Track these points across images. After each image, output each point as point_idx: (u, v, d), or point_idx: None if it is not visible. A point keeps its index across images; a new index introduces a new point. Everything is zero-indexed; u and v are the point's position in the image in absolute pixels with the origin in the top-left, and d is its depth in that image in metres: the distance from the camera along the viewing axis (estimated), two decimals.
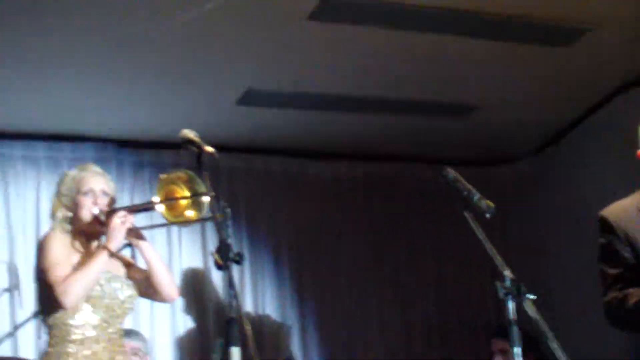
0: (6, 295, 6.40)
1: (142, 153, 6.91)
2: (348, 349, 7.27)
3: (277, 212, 7.29)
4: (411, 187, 7.71)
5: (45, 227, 6.37)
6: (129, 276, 4.19)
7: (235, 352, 3.22)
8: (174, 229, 6.84)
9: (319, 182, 7.46)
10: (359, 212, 7.55)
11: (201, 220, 3.96)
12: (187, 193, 3.95)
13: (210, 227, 6.81)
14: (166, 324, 6.76)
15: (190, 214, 3.94)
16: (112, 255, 3.98)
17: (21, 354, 6.15)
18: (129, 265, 4.23)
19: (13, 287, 6.42)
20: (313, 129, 6.93)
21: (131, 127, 6.71)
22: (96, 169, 4.21)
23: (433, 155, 7.37)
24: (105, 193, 4.11)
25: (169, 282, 4.16)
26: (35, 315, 5.79)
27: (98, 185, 4.11)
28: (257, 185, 7.21)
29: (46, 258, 3.91)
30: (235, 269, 3.41)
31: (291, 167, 7.39)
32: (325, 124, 6.87)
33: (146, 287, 4.16)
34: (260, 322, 6.93)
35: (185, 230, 6.91)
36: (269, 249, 7.18)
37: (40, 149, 6.70)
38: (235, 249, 3.40)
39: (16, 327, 6.08)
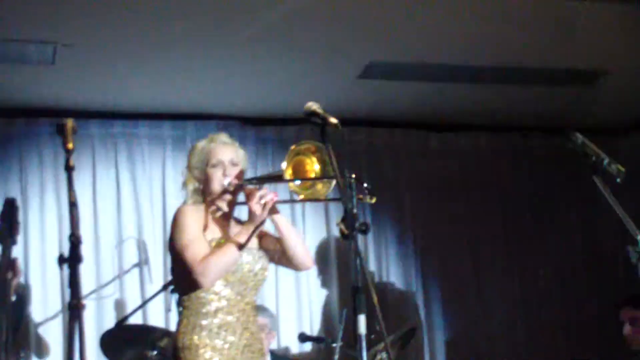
0: (136, 270, 6.56)
1: (265, 129, 6.96)
2: (471, 319, 7.23)
3: (400, 183, 7.28)
4: (538, 156, 7.58)
5: (171, 204, 6.58)
6: (263, 246, 4.14)
7: (362, 320, 3.20)
8: (297, 206, 6.90)
9: (442, 153, 7.40)
10: (484, 182, 7.48)
11: (330, 200, 3.87)
12: (316, 164, 3.87)
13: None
14: (291, 296, 6.83)
15: (319, 187, 3.87)
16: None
17: None
18: (262, 236, 4.15)
19: (142, 262, 6.57)
20: (435, 100, 6.85)
21: (254, 104, 6.76)
22: (225, 139, 4.15)
23: (560, 124, 7.19)
24: (234, 163, 4.04)
25: (304, 252, 4.11)
26: (164, 288, 5.90)
27: (227, 156, 4.05)
28: (379, 158, 7.19)
29: (181, 236, 3.90)
30: (358, 240, 3.36)
31: (413, 139, 7.35)
32: (448, 95, 6.78)
33: (280, 257, 4.11)
34: (383, 292, 6.91)
35: (308, 204, 6.95)
36: (393, 220, 7.16)
37: (165, 128, 6.83)
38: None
39: (146, 301, 6.19)
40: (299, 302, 6.85)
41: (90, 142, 6.60)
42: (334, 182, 3.69)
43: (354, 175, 3.51)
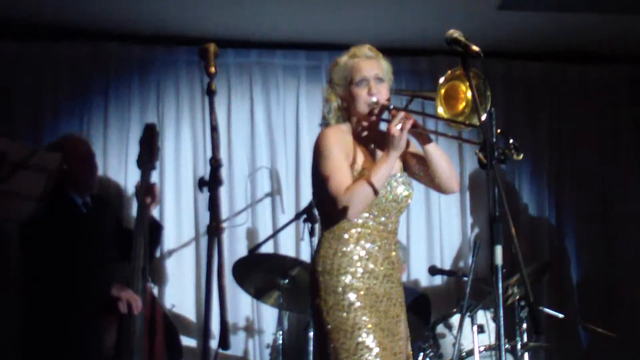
0: (268, 200, 6.63)
1: (399, 60, 6.88)
2: (607, 253, 7.10)
3: (536, 115, 7.15)
4: None
5: (305, 134, 6.61)
6: (407, 165, 4.01)
7: (499, 251, 3.15)
8: (430, 122, 6.81)
9: (581, 85, 7.22)
10: (620, 115, 7.29)
11: (473, 127, 3.72)
12: (469, 91, 3.66)
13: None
14: (422, 228, 6.81)
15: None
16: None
17: None
18: (406, 153, 3.96)
19: (275, 192, 6.64)
20: (576, 31, 6.64)
21: (389, 34, 6.68)
22: (368, 52, 3.94)
23: None
24: (379, 79, 3.87)
25: (452, 176, 3.95)
26: (297, 218, 5.93)
27: (371, 71, 3.86)
28: (516, 90, 7.06)
29: (325, 163, 3.75)
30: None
31: (552, 71, 7.19)
32: (589, 26, 6.56)
33: (426, 176, 3.97)
34: (516, 224, 6.79)
35: (442, 125, 6.86)
36: (528, 152, 7.02)
37: (300, 58, 6.85)
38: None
39: (278, 230, 6.26)
40: (430, 234, 6.81)
41: (226, 71, 6.66)
42: (482, 112, 3.50)
43: (499, 130, 3.40)
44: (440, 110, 3.72)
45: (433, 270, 6.00)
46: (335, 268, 3.78)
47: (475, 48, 3.41)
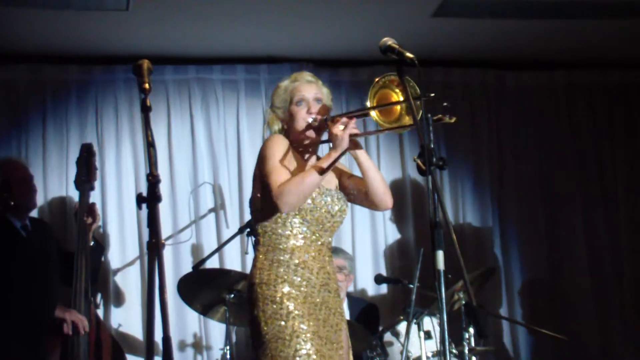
0: (212, 215, 6.62)
1: (338, 71, 6.92)
2: (551, 257, 7.16)
3: (476, 122, 7.20)
4: (616, 93, 7.47)
5: (246, 148, 6.63)
6: (342, 185, 4.10)
7: (440, 256, 3.16)
8: (372, 137, 6.89)
9: (520, 91, 7.31)
10: (560, 120, 7.36)
11: (413, 127, 3.76)
12: (401, 96, 3.79)
13: (408, 134, 6.82)
14: (367, 238, 6.82)
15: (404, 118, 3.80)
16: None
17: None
18: (342, 173, 4.12)
19: (218, 207, 6.62)
20: (511, 37, 6.72)
21: (327, 46, 6.73)
22: (308, 77, 4.05)
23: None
24: (318, 100, 3.97)
25: (384, 190, 4.01)
26: (240, 231, 5.93)
27: (310, 93, 3.97)
28: (455, 97, 7.11)
29: (267, 162, 3.83)
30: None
31: (489, 78, 7.25)
32: (523, 32, 6.64)
33: (359, 195, 4.07)
34: (460, 232, 6.87)
35: (383, 138, 6.93)
36: (469, 157, 7.11)
37: (238, 72, 6.84)
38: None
39: (223, 244, 6.23)
40: (375, 243, 6.84)
41: (165, 88, 6.64)
42: (419, 113, 3.49)
43: (432, 94, 3.44)
44: (374, 114, 3.80)
45: (379, 279, 6.01)
46: (272, 278, 3.82)
47: (409, 55, 3.44)
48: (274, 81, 6.71)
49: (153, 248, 2.92)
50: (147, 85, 3.18)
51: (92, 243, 5.35)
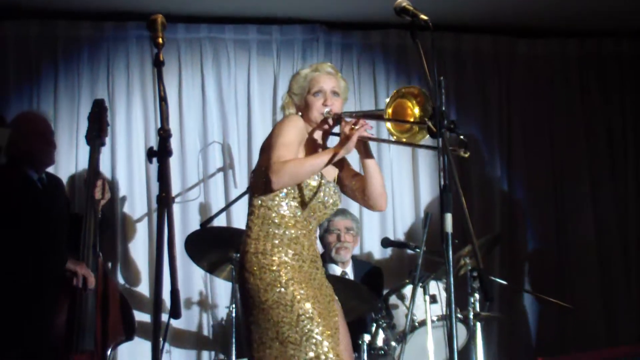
0: (220, 175, 6.62)
1: (351, 34, 6.90)
2: (557, 226, 7.18)
3: (487, 90, 7.19)
4: (627, 62, 7.44)
5: (256, 109, 6.60)
6: (342, 179, 4.23)
7: (448, 219, 3.18)
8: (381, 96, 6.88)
9: (529, 59, 7.28)
10: (570, 89, 7.34)
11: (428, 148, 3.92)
12: (416, 108, 3.90)
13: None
14: None
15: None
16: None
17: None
18: (345, 168, 4.25)
19: (227, 167, 6.62)
20: (523, 5, 6.70)
21: (339, 8, 6.69)
22: (329, 68, 4.18)
23: None
24: (335, 93, 4.11)
25: (381, 193, 4.15)
26: (249, 191, 5.94)
27: (329, 84, 4.10)
28: (466, 64, 7.11)
29: (278, 136, 3.95)
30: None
31: (501, 45, 7.24)
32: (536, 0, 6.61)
33: (357, 192, 4.19)
34: (467, 198, 6.85)
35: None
36: (478, 124, 7.11)
37: (250, 32, 6.82)
38: None
39: (230, 203, 6.25)
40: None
41: (177, 46, 6.64)
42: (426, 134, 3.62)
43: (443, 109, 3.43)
44: (389, 125, 3.87)
45: (386, 243, 6.01)
46: (268, 248, 3.95)
47: (423, 17, 3.46)
48: (285, 42, 6.79)
49: (163, 202, 2.94)
50: (160, 40, 3.18)
51: (100, 215, 5.35)
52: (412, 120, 3.89)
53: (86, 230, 5.08)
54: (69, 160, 6.39)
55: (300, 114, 4.12)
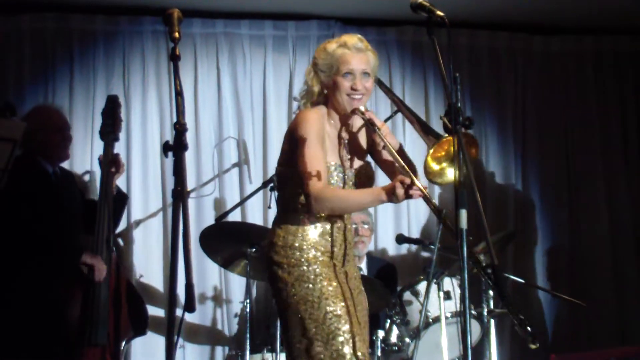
0: (235, 170, 6.63)
1: (366, 30, 6.89)
2: (571, 223, 7.17)
3: (502, 86, 7.19)
4: None
5: (272, 104, 6.61)
6: (377, 159, 4.12)
7: (463, 215, 3.18)
8: (397, 87, 6.91)
9: (544, 56, 7.26)
10: (586, 87, 7.33)
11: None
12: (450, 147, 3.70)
13: (432, 93, 6.92)
14: None
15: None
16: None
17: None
18: (377, 153, 4.07)
19: (242, 162, 6.63)
20: (539, 2, 6.69)
21: (355, 4, 6.69)
22: (359, 43, 3.91)
23: None
24: (366, 73, 3.88)
25: None
26: (264, 186, 5.96)
27: (359, 65, 3.86)
28: (482, 60, 7.11)
29: (304, 150, 3.78)
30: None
31: (517, 42, 7.25)
32: None
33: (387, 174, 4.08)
34: (483, 193, 6.83)
35: (408, 95, 6.92)
36: (494, 122, 7.11)
37: (266, 28, 6.82)
38: None
39: (246, 197, 6.26)
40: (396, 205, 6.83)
41: (193, 41, 6.65)
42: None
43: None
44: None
45: (400, 239, 6.03)
46: (297, 243, 3.87)
47: (439, 13, 3.46)
48: (301, 38, 6.79)
49: (178, 196, 2.94)
50: (177, 34, 3.18)
51: (115, 192, 5.38)
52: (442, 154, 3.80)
53: (100, 225, 5.09)
54: (83, 154, 6.40)
55: (325, 91, 3.93)
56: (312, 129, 3.82)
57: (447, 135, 3.63)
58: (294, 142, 3.86)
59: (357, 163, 4.07)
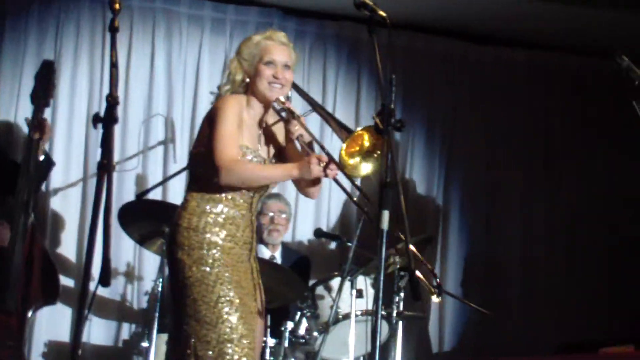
0: (161, 147, 6.59)
1: (305, 22, 6.90)
2: (488, 232, 7.28)
3: (434, 90, 7.27)
4: (575, 77, 7.59)
5: (204, 85, 6.56)
6: (284, 156, 4.18)
7: (386, 216, 3.21)
8: (329, 94, 6.93)
9: (479, 64, 7.38)
10: (515, 98, 7.46)
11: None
12: (367, 142, 4.06)
13: (365, 90, 6.94)
14: None
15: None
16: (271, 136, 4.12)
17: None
18: (287, 148, 4.19)
19: (168, 140, 6.59)
20: (477, 10, 6.78)
21: None
22: (283, 39, 4.09)
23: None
24: (286, 66, 4.03)
25: (318, 189, 4.18)
26: (188, 167, 5.92)
27: (281, 57, 4.02)
28: (417, 62, 7.16)
29: (220, 127, 3.88)
30: None
31: (453, 48, 7.34)
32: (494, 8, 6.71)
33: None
34: (405, 194, 6.87)
35: (340, 94, 6.95)
36: (424, 123, 7.18)
37: (205, 9, 6.79)
38: None
39: (168, 177, 6.23)
40: (318, 197, 6.82)
41: (130, 14, 6.56)
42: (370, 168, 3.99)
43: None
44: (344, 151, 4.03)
45: (318, 233, 6.06)
46: (201, 226, 3.93)
47: (382, 13, 3.48)
48: (240, 23, 6.76)
49: (104, 169, 2.92)
50: (117, 6, 3.16)
51: (41, 157, 5.30)
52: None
53: (20, 190, 5.02)
54: (7, 114, 6.29)
55: (247, 80, 4.04)
56: (229, 111, 3.94)
57: (359, 129, 3.90)
58: (212, 121, 3.95)
59: (272, 154, 4.17)
